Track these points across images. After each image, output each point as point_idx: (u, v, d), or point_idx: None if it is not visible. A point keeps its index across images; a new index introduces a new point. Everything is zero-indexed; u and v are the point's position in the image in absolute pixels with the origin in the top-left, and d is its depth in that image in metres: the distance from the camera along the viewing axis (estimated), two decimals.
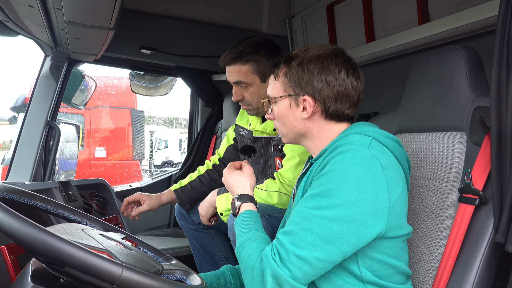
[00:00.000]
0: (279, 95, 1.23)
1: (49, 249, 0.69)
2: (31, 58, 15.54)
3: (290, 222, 1.07)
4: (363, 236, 1.03)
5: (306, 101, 1.18)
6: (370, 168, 1.04)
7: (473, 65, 1.25)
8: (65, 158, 3.62)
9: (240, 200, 1.29)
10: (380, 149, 1.09)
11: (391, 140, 1.14)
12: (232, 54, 1.84)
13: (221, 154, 2.26)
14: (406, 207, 1.13)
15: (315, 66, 1.17)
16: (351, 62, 1.21)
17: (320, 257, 1.01)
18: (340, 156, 1.06)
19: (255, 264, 1.06)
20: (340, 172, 1.04)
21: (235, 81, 1.86)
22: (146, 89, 3.32)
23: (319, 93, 1.17)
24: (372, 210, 1.02)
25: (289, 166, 1.75)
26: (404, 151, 1.17)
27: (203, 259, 2.14)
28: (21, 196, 1.04)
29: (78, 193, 1.71)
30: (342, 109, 1.18)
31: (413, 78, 1.40)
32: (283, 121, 1.24)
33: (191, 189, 2.11)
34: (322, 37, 2.79)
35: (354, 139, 1.11)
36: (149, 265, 0.91)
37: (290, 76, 1.20)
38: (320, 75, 1.16)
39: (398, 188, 1.07)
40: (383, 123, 1.50)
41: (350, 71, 1.18)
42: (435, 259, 1.19)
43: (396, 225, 1.07)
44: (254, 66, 1.82)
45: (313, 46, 1.22)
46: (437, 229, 1.21)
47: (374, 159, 1.05)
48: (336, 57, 1.18)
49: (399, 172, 1.11)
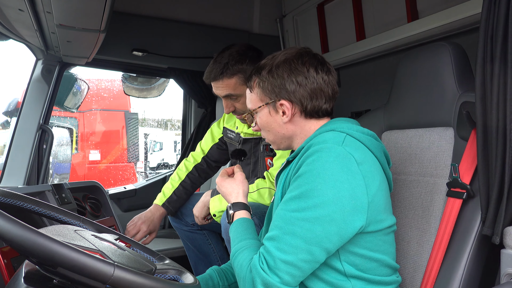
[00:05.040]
0: (257, 106, 1.26)
1: (41, 250, 0.70)
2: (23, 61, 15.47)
3: (274, 227, 1.09)
4: (344, 233, 1.05)
5: (284, 105, 1.21)
6: (346, 165, 1.06)
7: (460, 61, 1.27)
8: (58, 162, 3.61)
9: (233, 209, 1.32)
10: (354, 145, 1.11)
11: (365, 134, 1.16)
12: (216, 69, 1.78)
13: (205, 151, 2.21)
14: (387, 200, 1.14)
15: (283, 70, 1.20)
16: (318, 58, 1.23)
17: (306, 259, 1.04)
18: (315, 156, 1.08)
19: (246, 274, 1.09)
20: (316, 172, 1.05)
21: (225, 95, 1.82)
22: (139, 91, 3.32)
23: (293, 95, 1.19)
24: (351, 207, 1.04)
25: (279, 164, 1.76)
26: (381, 144, 1.19)
27: (197, 260, 2.14)
28: (14, 199, 1.04)
29: (71, 195, 1.71)
30: (319, 105, 1.21)
31: (401, 75, 1.42)
32: (267, 129, 1.27)
33: (177, 198, 2.09)
34: (313, 36, 2.80)
35: (327, 137, 1.13)
36: (142, 265, 0.92)
37: (263, 85, 1.23)
38: (290, 78, 1.19)
39: (375, 182, 1.09)
40: (373, 120, 1.52)
41: (318, 67, 1.21)
42: (424, 253, 1.20)
43: (376, 219, 1.09)
44: (241, 77, 1.78)
45: (279, 53, 1.25)
46: (427, 223, 1.22)
47: (348, 155, 1.07)
48: (302, 57, 1.21)
49: (375, 166, 1.12)
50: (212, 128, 2.23)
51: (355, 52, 2.44)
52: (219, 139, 2.19)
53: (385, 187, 1.14)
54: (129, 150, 8.72)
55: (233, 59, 1.77)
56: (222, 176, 1.42)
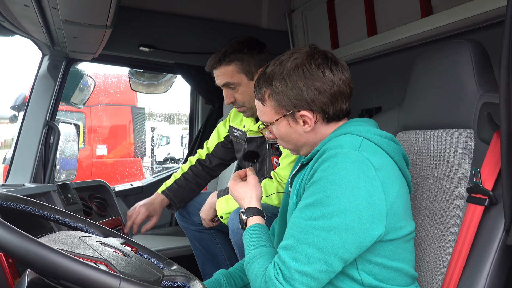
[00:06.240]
0: (274, 119, 1.18)
1: (43, 262, 0.66)
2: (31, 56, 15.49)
3: (288, 235, 1.05)
4: (362, 242, 1.00)
5: (304, 115, 1.13)
6: (363, 171, 1.01)
7: (480, 60, 1.21)
8: (65, 158, 3.60)
9: (246, 214, 1.26)
10: (371, 149, 1.06)
11: (383, 138, 1.11)
12: (215, 57, 1.82)
13: (210, 150, 2.19)
14: (406, 206, 1.09)
15: (298, 77, 1.11)
16: (329, 56, 1.15)
17: (322, 269, 0.99)
18: (331, 161, 1.02)
19: (261, 284, 1.05)
20: (332, 178, 1.00)
21: (223, 83, 1.83)
22: (146, 87, 3.29)
23: (314, 104, 1.12)
24: (369, 215, 0.99)
25: (285, 163, 1.72)
26: (400, 147, 1.14)
27: (205, 260, 2.11)
28: (17, 203, 1.01)
29: (77, 195, 1.68)
30: (340, 108, 1.15)
31: (417, 73, 1.36)
32: (286, 139, 1.20)
33: (178, 187, 2.07)
34: (323, 31, 2.75)
35: (343, 141, 1.07)
36: (149, 273, 0.89)
37: (277, 97, 1.14)
38: (307, 85, 1.11)
39: (394, 188, 1.04)
40: (387, 120, 1.47)
41: (333, 67, 1.13)
42: (443, 261, 1.16)
43: (395, 226, 1.04)
44: (239, 65, 1.80)
45: (285, 57, 1.15)
46: (445, 229, 1.18)
47: (365, 161, 1.02)
48: (314, 59, 1.12)
49: (394, 171, 1.07)
50: (218, 126, 2.22)
51: (366, 48, 2.39)
52: (224, 137, 2.16)
53: (405, 192, 1.09)
54: (136, 145, 8.72)
55: (231, 48, 1.81)
56: (235, 179, 1.36)
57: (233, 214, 1.60)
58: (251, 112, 1.89)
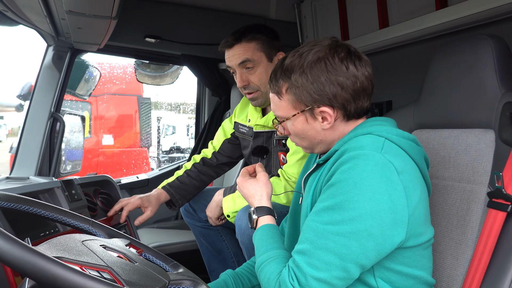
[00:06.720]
0: (290, 115, 1.12)
1: (42, 273, 0.63)
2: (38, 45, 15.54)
3: (304, 239, 1.00)
4: (382, 249, 0.96)
5: (324, 112, 1.07)
6: (385, 175, 0.96)
7: (502, 56, 1.15)
8: (71, 149, 3.58)
9: (256, 214, 1.21)
10: (394, 151, 1.00)
11: (406, 139, 1.05)
12: (234, 35, 1.76)
13: (216, 148, 2.11)
14: (427, 211, 1.04)
15: (320, 71, 1.05)
16: (352, 50, 1.09)
17: (340, 276, 0.95)
18: (351, 163, 0.97)
19: None
20: (353, 181, 0.95)
21: (242, 60, 1.74)
22: (152, 78, 3.24)
23: (335, 100, 1.06)
24: (391, 221, 0.95)
25: (293, 161, 1.67)
26: (421, 149, 1.09)
27: (211, 257, 2.08)
28: (18, 203, 0.98)
29: (81, 191, 1.65)
30: (362, 105, 1.09)
31: (434, 69, 1.30)
32: (302, 136, 1.14)
33: (180, 183, 2.00)
34: (333, 23, 2.67)
35: (365, 142, 1.02)
36: (154, 280, 0.85)
37: (296, 91, 1.08)
38: (330, 80, 1.05)
39: (416, 192, 0.99)
40: (401, 117, 1.41)
41: (356, 62, 1.07)
42: (460, 267, 1.11)
43: (416, 233, 0.99)
44: (260, 43, 1.76)
45: (305, 49, 1.09)
46: (462, 234, 1.13)
47: (388, 164, 0.97)
48: (337, 52, 1.06)
49: (416, 175, 1.02)
50: (224, 124, 2.15)
51: (377, 40, 2.32)
52: (231, 134, 2.10)
53: (426, 197, 1.04)
54: (142, 135, 8.70)
55: (250, 28, 1.78)
56: (244, 176, 1.30)
57: (240, 213, 1.55)
58: (264, 98, 1.81)
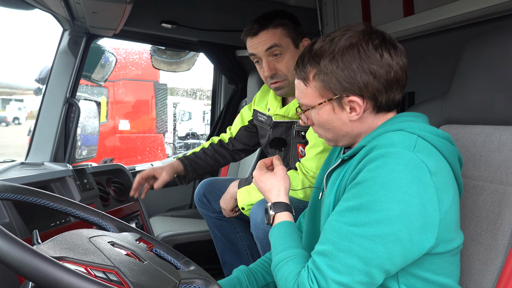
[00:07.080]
0: (317, 103, 1.04)
1: (43, 277, 0.58)
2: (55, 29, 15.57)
3: (326, 240, 0.94)
4: (409, 254, 0.89)
5: (353, 101, 1.01)
6: (417, 176, 0.89)
7: None
8: (86, 134, 3.59)
9: (273, 209, 1.15)
10: (427, 150, 0.93)
11: (440, 137, 0.98)
12: (258, 22, 1.68)
13: (233, 134, 2.11)
14: (458, 215, 0.98)
15: (352, 58, 0.98)
16: (387, 37, 1.02)
17: (362, 281, 0.89)
18: (380, 161, 0.91)
19: None
20: (381, 181, 0.89)
21: (269, 46, 1.66)
22: (168, 64, 3.20)
23: (366, 89, 0.99)
24: (420, 225, 0.88)
25: (312, 154, 1.60)
26: (456, 149, 1.01)
27: (224, 248, 2.05)
28: (26, 195, 0.94)
29: (93, 180, 1.61)
30: (394, 97, 1.02)
31: (467, 60, 1.22)
32: (327, 127, 1.08)
33: (195, 157, 2.01)
34: (355, 9, 2.57)
35: (395, 139, 0.94)
36: (163, 281, 0.81)
37: (324, 78, 1.01)
38: (362, 67, 0.98)
39: (449, 195, 0.92)
40: (428, 111, 1.33)
41: (391, 50, 1.00)
42: (489, 274, 1.04)
43: (446, 238, 0.93)
44: (286, 29, 1.68)
45: (337, 34, 1.02)
46: (493, 239, 1.05)
47: (420, 164, 0.90)
48: (371, 39, 0.99)
49: (449, 176, 0.95)
50: (242, 111, 2.12)
51: (401, 29, 2.21)
52: (248, 121, 2.06)
53: (458, 200, 0.98)
54: (158, 120, 8.72)
55: (273, 14, 1.69)
56: (261, 169, 1.24)
57: (255, 207, 1.50)
58: (289, 88, 1.74)
